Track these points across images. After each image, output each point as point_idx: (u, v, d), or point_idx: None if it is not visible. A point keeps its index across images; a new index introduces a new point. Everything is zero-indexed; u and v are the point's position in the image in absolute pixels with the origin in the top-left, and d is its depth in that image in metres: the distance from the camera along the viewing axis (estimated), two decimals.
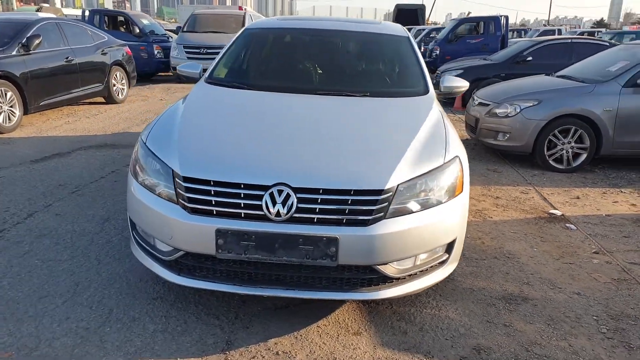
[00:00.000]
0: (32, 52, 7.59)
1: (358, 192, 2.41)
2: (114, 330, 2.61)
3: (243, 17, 14.82)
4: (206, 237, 2.41)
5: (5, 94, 6.94)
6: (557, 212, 4.56)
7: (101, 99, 9.86)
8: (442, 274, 2.73)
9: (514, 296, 3.09)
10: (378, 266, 2.46)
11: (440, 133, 2.96)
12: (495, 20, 14.39)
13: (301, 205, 2.39)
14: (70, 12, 36.83)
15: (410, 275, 2.59)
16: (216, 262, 2.51)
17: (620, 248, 3.85)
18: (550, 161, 5.87)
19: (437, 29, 21.84)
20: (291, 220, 2.39)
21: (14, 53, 7.28)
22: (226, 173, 2.48)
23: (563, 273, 3.42)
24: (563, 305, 3.01)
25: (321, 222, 2.40)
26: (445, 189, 2.63)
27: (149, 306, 2.83)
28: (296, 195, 2.39)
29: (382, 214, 2.42)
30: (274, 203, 2.38)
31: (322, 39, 4.35)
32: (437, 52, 15.07)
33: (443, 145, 2.82)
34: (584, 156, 5.82)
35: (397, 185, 2.47)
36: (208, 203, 2.44)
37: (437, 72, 11.10)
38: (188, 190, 2.47)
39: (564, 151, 5.83)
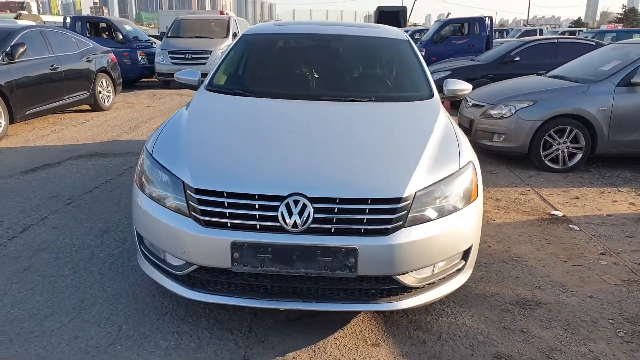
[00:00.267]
0: (17, 61, 7.43)
1: (376, 201, 2.36)
2: (126, 348, 2.52)
3: (228, 22, 14.71)
4: (221, 251, 2.33)
5: None
6: (559, 213, 4.56)
7: (87, 107, 9.69)
8: (460, 282, 2.69)
9: (527, 301, 3.06)
10: (398, 276, 2.40)
11: (451, 138, 2.92)
12: (480, 21, 14.47)
13: (318, 215, 2.33)
14: (48, 19, 36.27)
15: (428, 284, 2.54)
16: (230, 276, 2.44)
17: (625, 248, 3.85)
18: (546, 161, 5.89)
19: (421, 31, 21.95)
20: (308, 231, 2.33)
21: None
22: (240, 184, 2.40)
23: (573, 276, 3.40)
24: (577, 309, 2.99)
25: (339, 233, 2.34)
26: (461, 195, 2.58)
27: (159, 322, 2.74)
28: (312, 205, 2.33)
29: (402, 223, 2.37)
30: (290, 214, 2.32)
31: (323, 44, 4.28)
32: (423, 54, 15.03)
33: (456, 150, 2.78)
34: (580, 156, 5.85)
35: (415, 192, 2.42)
36: (222, 215, 2.37)
37: None
38: (201, 202, 2.39)
39: (560, 151, 5.85)
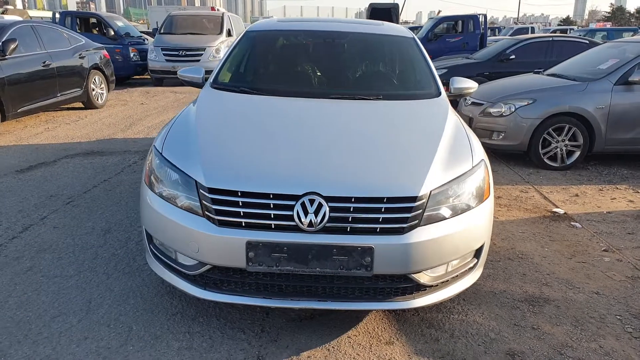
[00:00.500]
0: (8, 57, 7.34)
1: (392, 200, 2.35)
2: (137, 349, 2.49)
3: (221, 19, 14.62)
4: (236, 250, 2.31)
5: None
6: (560, 211, 4.59)
7: (79, 104, 9.59)
8: (472, 280, 2.69)
9: (536, 298, 3.07)
10: (413, 274, 2.40)
11: (462, 136, 2.92)
12: (474, 18, 14.53)
13: (333, 214, 2.32)
14: (35, 14, 35.84)
15: (442, 282, 2.54)
16: (244, 275, 2.42)
17: (627, 245, 3.88)
18: (545, 159, 5.92)
19: (413, 28, 21.96)
20: (324, 230, 2.32)
21: None
22: (254, 183, 2.38)
23: (578, 272, 3.42)
24: (585, 305, 3.01)
25: (355, 232, 2.33)
26: (474, 194, 2.59)
27: (170, 322, 2.71)
28: (328, 204, 2.32)
29: (417, 221, 2.36)
30: (306, 213, 2.30)
31: (328, 41, 4.26)
32: None
33: (468, 148, 2.78)
34: (578, 153, 5.89)
35: (430, 191, 2.42)
36: (237, 215, 2.35)
37: None
38: (215, 202, 2.36)
39: (558, 149, 5.89)
